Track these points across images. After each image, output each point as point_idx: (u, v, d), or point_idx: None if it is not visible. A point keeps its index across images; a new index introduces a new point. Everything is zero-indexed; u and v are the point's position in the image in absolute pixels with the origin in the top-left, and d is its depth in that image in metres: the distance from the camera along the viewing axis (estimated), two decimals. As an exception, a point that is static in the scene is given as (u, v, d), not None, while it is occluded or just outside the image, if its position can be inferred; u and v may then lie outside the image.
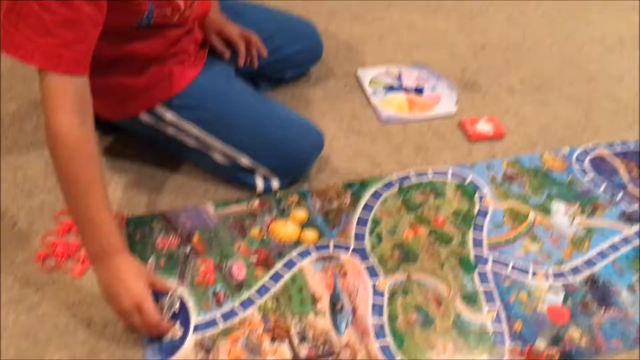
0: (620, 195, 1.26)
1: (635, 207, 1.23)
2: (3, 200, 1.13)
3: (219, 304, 0.99)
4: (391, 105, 1.43)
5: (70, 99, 0.90)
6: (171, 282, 1.01)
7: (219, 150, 1.15)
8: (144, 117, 1.14)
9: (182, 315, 0.97)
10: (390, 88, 1.48)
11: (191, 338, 0.94)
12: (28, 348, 0.92)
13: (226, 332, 0.96)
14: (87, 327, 0.95)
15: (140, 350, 0.92)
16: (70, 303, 0.98)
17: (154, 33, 1.07)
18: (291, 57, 1.41)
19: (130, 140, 1.25)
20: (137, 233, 1.09)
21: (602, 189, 1.27)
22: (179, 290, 1.00)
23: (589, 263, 1.12)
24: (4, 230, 1.08)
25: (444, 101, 1.46)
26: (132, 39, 1.06)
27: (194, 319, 0.97)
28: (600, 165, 1.33)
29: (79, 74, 0.91)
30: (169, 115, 1.12)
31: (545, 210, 1.21)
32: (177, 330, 0.95)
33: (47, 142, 0.90)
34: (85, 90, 0.92)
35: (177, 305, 0.97)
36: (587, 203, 1.24)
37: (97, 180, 0.92)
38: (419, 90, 1.49)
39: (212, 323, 0.97)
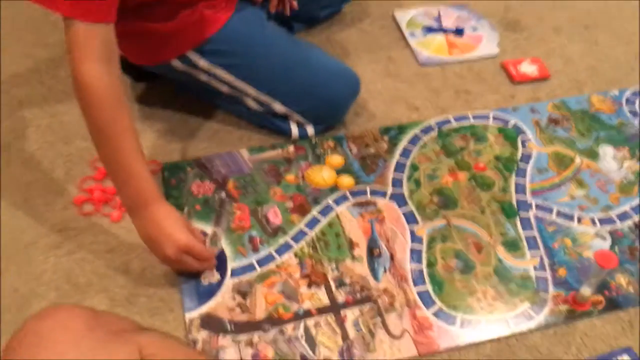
0: (673, 138, 1.20)
1: (689, 150, 1.17)
2: (40, 147, 1.13)
3: (255, 249, 0.99)
4: (430, 47, 1.38)
5: (97, 48, 0.87)
6: (207, 228, 1.01)
7: (253, 96, 1.13)
8: (176, 63, 1.11)
9: (219, 260, 0.96)
10: (428, 29, 1.42)
11: (228, 282, 0.94)
12: (69, 290, 0.93)
13: (263, 277, 0.95)
14: (125, 271, 0.95)
15: (178, 294, 0.93)
16: (108, 248, 0.98)
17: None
18: None
19: (163, 87, 1.24)
20: (173, 179, 1.08)
21: (653, 131, 1.21)
22: (218, 231, 1.00)
23: (638, 208, 1.07)
24: (42, 177, 1.08)
25: (485, 42, 1.40)
26: None
27: (231, 264, 0.96)
28: (652, 107, 1.26)
29: (106, 21, 0.88)
30: (201, 62, 1.09)
31: (593, 154, 1.16)
32: (214, 274, 0.95)
33: (75, 93, 0.88)
34: (111, 39, 0.89)
35: (220, 244, 0.98)
36: (637, 147, 1.18)
37: (128, 128, 0.89)
38: (459, 31, 1.42)
39: (248, 268, 0.96)
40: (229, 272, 0.95)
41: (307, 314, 0.91)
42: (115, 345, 0.70)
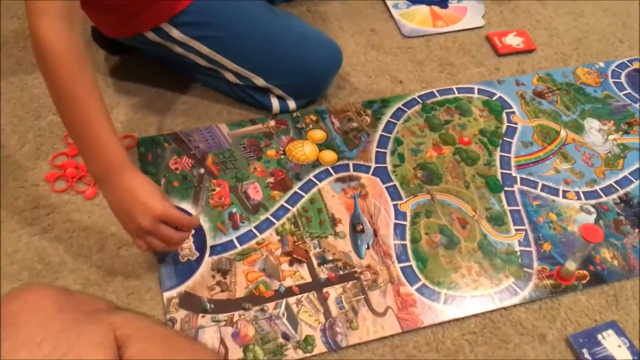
0: (658, 111, 1.19)
1: (674, 123, 1.16)
2: (10, 121, 1.09)
3: (235, 226, 0.96)
4: (414, 19, 1.34)
5: (56, 2, 0.79)
6: (185, 205, 0.98)
7: (231, 70, 1.09)
8: (150, 35, 1.06)
9: (197, 237, 0.94)
10: (412, 0, 1.39)
11: (207, 261, 0.92)
12: (41, 270, 0.90)
13: (243, 255, 0.93)
14: (100, 250, 0.92)
15: (155, 273, 0.90)
16: (82, 226, 0.95)
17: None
18: None
19: (139, 60, 1.20)
20: (149, 154, 1.05)
21: (638, 104, 1.19)
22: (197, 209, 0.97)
23: (624, 182, 1.06)
24: (12, 152, 1.04)
25: (470, 14, 1.37)
26: None
27: (210, 241, 0.94)
28: (637, 79, 1.25)
29: None
30: (176, 33, 1.05)
31: (578, 127, 1.14)
32: (192, 252, 0.92)
33: (33, 51, 0.80)
34: None
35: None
36: (623, 120, 1.16)
37: (92, 90, 0.82)
38: (443, 3, 1.39)
39: (228, 246, 0.94)
40: (208, 250, 0.93)
41: (289, 291, 0.89)
42: (87, 325, 0.67)
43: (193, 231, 0.92)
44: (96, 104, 0.82)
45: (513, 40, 1.30)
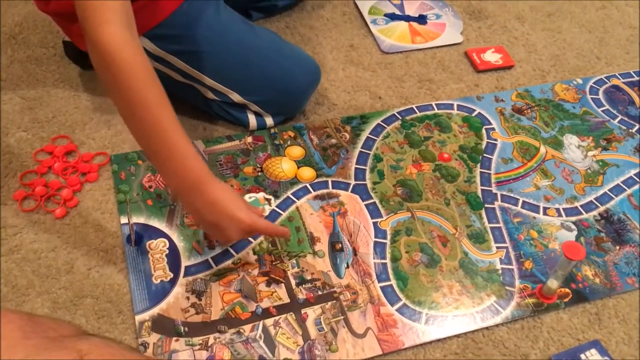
0: (636, 127, 1.19)
1: (652, 139, 1.16)
2: (-23, 139, 1.05)
3: (211, 245, 0.93)
4: (392, 35, 1.34)
5: (117, 9, 0.77)
6: (159, 224, 0.95)
7: (208, 85, 1.07)
8: (125, 48, 1.04)
9: (171, 258, 0.91)
10: (391, 16, 1.38)
11: (182, 282, 0.88)
12: (7, 293, 0.86)
13: (219, 275, 0.90)
14: (69, 271, 0.89)
15: (127, 295, 0.87)
16: (51, 247, 0.91)
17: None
18: None
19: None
20: (122, 172, 1.02)
21: (617, 120, 1.20)
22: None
23: (604, 198, 1.06)
24: (-21, 171, 1.01)
25: (449, 30, 1.37)
26: None
27: (185, 262, 0.91)
28: (615, 96, 1.25)
29: None
30: (152, 47, 1.03)
31: (557, 143, 1.14)
32: (166, 273, 0.89)
33: (97, 65, 0.77)
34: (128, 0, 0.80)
35: None
36: (601, 136, 1.16)
37: (164, 101, 0.78)
38: (422, 19, 1.39)
39: (204, 266, 0.91)
40: (182, 271, 0.90)
41: (266, 313, 0.86)
42: (52, 352, 0.63)
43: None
44: (170, 113, 0.79)
45: (491, 57, 1.30)
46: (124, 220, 0.94)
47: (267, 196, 1.00)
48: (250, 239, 0.94)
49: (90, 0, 0.77)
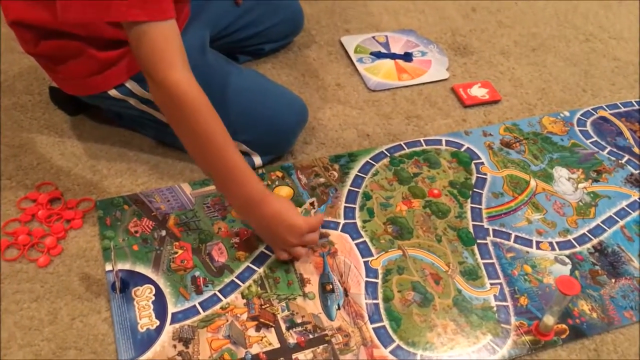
0: (625, 157, 1.18)
1: (642, 169, 1.16)
2: (-40, 188, 1.04)
3: (198, 291, 0.91)
4: (379, 73, 1.34)
5: (177, 52, 0.84)
6: (145, 269, 0.93)
7: (196, 126, 1.07)
8: (113, 92, 1.04)
9: (157, 304, 0.88)
10: (377, 55, 1.39)
11: (168, 329, 0.86)
12: (-13, 347, 0.83)
13: (207, 321, 0.87)
14: (52, 322, 0.86)
15: (111, 345, 0.84)
16: (34, 297, 0.89)
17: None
18: (271, 30, 1.32)
19: (98, 120, 1.16)
20: (107, 218, 1.00)
21: (606, 152, 1.19)
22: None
23: (597, 230, 1.04)
24: (-39, 221, 0.99)
25: (435, 67, 1.37)
26: None
27: (171, 308, 0.88)
28: (603, 127, 1.25)
29: (173, 17, 0.84)
30: (138, 90, 1.02)
31: (547, 176, 1.13)
32: (152, 321, 0.86)
33: (165, 104, 0.86)
34: (180, 38, 0.86)
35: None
36: (591, 168, 1.16)
37: (226, 133, 0.88)
38: (407, 56, 1.40)
39: (191, 312, 0.88)
40: (169, 318, 0.87)
41: (256, 359, 0.84)
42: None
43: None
44: (231, 141, 0.89)
45: (478, 92, 1.31)
46: (109, 267, 0.92)
47: (310, 200, 1.05)
48: (238, 281, 0.92)
49: (154, 43, 0.83)
